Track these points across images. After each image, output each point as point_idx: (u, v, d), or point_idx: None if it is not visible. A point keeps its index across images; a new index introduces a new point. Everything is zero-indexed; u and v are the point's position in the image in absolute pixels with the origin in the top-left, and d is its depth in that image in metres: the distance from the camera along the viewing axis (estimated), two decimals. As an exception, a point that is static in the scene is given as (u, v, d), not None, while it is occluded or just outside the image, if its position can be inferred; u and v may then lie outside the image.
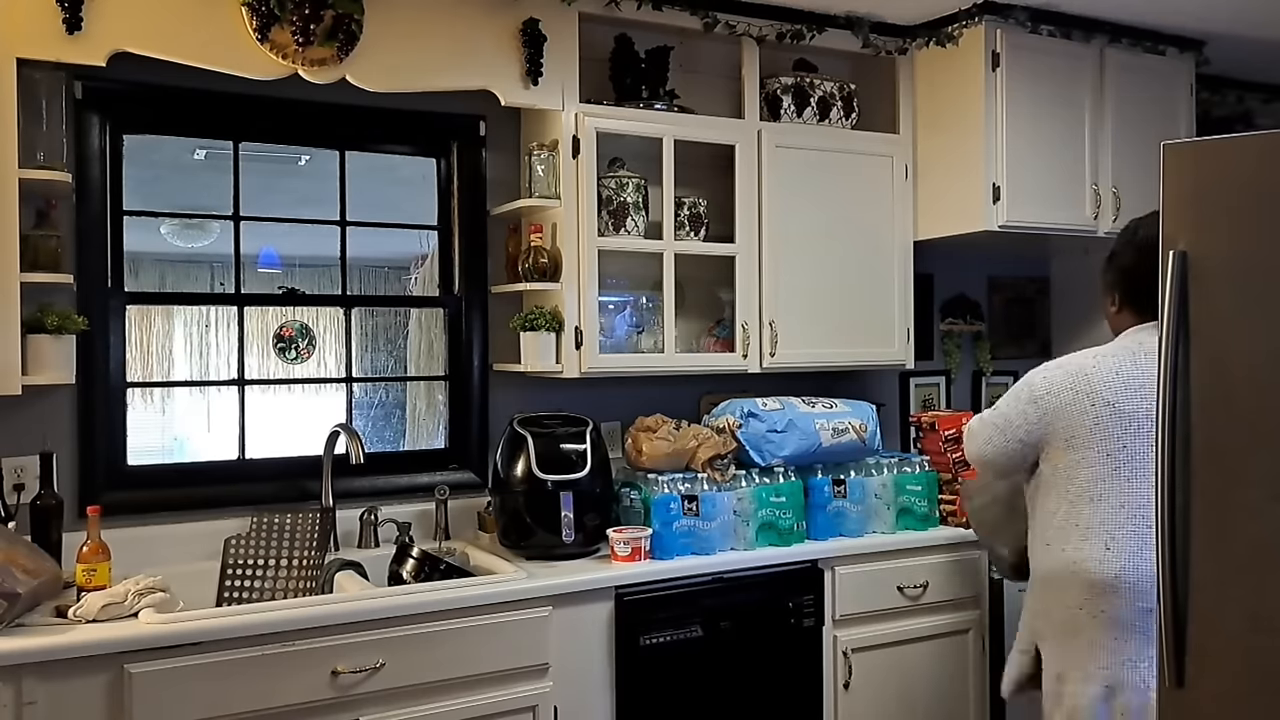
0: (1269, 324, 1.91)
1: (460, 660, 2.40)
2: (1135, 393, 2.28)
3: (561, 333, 2.93)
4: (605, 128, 2.96)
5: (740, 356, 3.16)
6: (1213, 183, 1.98)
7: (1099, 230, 3.38)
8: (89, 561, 2.27)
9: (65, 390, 2.60)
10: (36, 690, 2.01)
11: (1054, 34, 3.28)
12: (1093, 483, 2.28)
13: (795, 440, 2.94)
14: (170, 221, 3.21)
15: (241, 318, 2.95)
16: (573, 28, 2.91)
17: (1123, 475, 2.27)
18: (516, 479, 2.75)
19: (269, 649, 2.20)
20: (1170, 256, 1.97)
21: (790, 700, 2.86)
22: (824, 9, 3.22)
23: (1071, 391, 2.31)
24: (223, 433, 2.94)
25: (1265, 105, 4.11)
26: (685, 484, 2.81)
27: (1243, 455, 1.94)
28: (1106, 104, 3.39)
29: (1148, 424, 2.22)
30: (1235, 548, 1.95)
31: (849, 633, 2.94)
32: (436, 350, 3.23)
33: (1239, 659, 1.94)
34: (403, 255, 3.37)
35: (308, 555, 2.60)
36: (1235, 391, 1.95)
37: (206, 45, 2.48)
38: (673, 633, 2.67)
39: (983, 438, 2.45)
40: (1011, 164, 3.22)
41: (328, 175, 3.04)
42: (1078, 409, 2.30)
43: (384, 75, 2.67)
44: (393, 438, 3.36)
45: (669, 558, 2.73)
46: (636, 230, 3.05)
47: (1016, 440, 2.38)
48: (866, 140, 3.38)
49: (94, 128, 2.65)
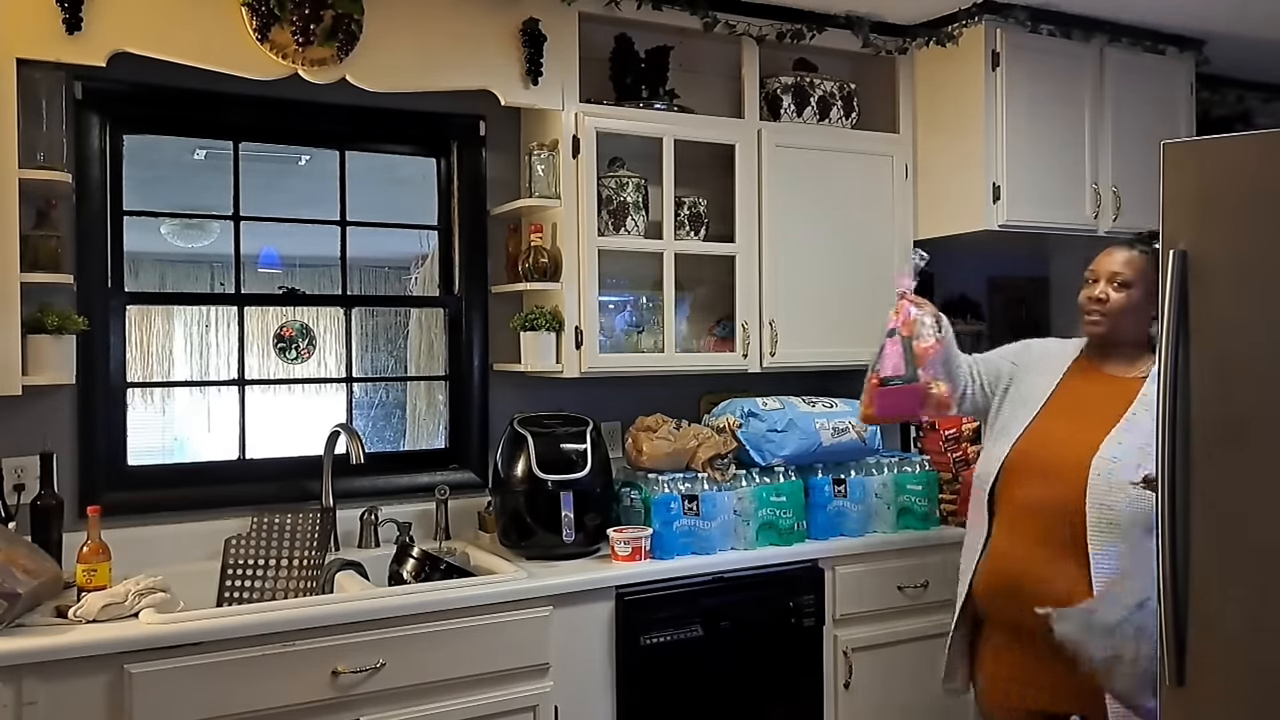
0: (1269, 324, 1.91)
1: (460, 660, 2.40)
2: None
3: (561, 332, 2.93)
4: (605, 127, 2.96)
5: (740, 356, 3.16)
6: (1213, 182, 1.98)
7: (1099, 230, 3.38)
8: (89, 562, 2.27)
9: (65, 390, 2.60)
10: (37, 690, 2.01)
11: (1054, 33, 3.28)
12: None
13: (795, 440, 2.94)
14: (170, 221, 3.22)
15: (241, 318, 2.95)
16: (573, 27, 2.91)
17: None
18: (517, 479, 2.75)
19: (269, 649, 2.20)
20: (1170, 256, 1.97)
21: (790, 700, 2.86)
22: (824, 8, 3.22)
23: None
24: (223, 433, 2.95)
25: (1265, 105, 4.10)
26: (685, 484, 2.81)
27: (1243, 455, 1.94)
28: (1106, 103, 3.39)
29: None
30: (1235, 548, 1.95)
31: (849, 632, 2.94)
32: (436, 350, 3.23)
33: (1239, 659, 1.94)
34: (403, 255, 3.37)
35: (308, 555, 2.61)
36: (1235, 391, 1.95)
37: (206, 45, 2.48)
38: (673, 632, 2.67)
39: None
40: (1011, 163, 3.22)
41: (328, 175, 3.04)
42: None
43: (384, 75, 2.67)
44: (393, 438, 3.37)
45: (669, 557, 2.73)
46: (636, 230, 3.05)
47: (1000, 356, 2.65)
48: (866, 140, 3.38)
49: (94, 128, 2.64)
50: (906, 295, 2.50)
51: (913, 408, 2.52)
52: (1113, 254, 2.48)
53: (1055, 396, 2.49)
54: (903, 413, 2.62)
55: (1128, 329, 2.45)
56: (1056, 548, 2.33)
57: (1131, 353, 2.47)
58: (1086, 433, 2.39)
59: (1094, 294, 2.46)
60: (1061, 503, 2.33)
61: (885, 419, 2.66)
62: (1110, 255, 2.48)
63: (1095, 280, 2.47)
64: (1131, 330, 2.45)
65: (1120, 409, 2.41)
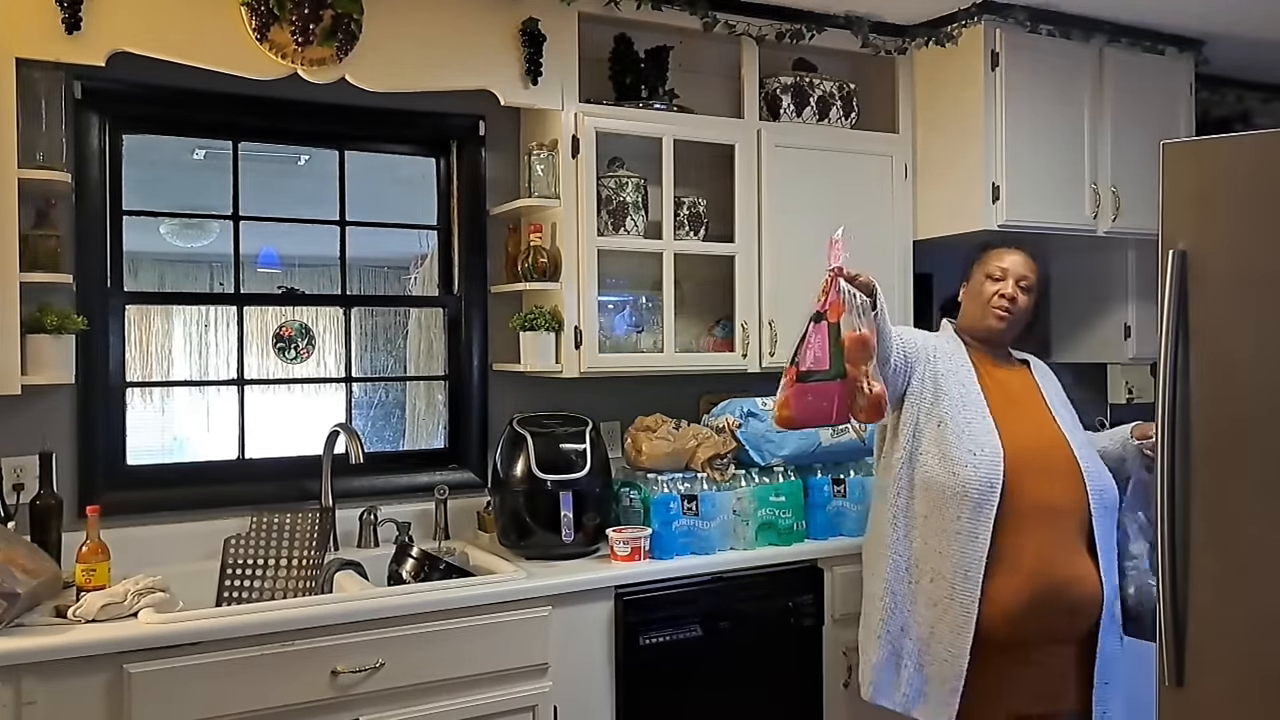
0: (1269, 324, 1.91)
1: (460, 660, 2.40)
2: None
3: (561, 332, 2.93)
4: (605, 127, 2.96)
5: (740, 356, 3.16)
6: (1212, 182, 1.98)
7: (1099, 230, 3.38)
8: (88, 561, 2.27)
9: (65, 390, 2.59)
10: (36, 690, 2.01)
11: (1053, 33, 3.28)
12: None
13: (795, 440, 2.93)
14: (170, 221, 3.21)
15: (241, 317, 2.95)
16: (572, 27, 2.91)
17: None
18: (516, 479, 2.74)
19: (268, 649, 2.20)
20: (1170, 256, 1.97)
21: (790, 700, 2.86)
22: (823, 9, 3.22)
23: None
24: (222, 432, 2.94)
25: (1265, 105, 4.10)
26: (685, 484, 2.81)
27: (1242, 455, 1.94)
28: (1106, 103, 3.39)
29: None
30: (1235, 548, 1.95)
31: (849, 632, 2.92)
32: (436, 350, 3.23)
33: (1239, 659, 1.94)
34: (402, 255, 3.37)
35: (307, 555, 2.61)
36: (1235, 391, 1.95)
37: (206, 45, 2.47)
38: (672, 632, 2.67)
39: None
40: (1011, 163, 3.22)
41: (327, 175, 3.04)
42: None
43: (383, 75, 2.67)
44: (392, 437, 3.36)
45: (668, 557, 2.73)
46: (636, 230, 3.05)
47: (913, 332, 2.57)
48: (866, 140, 3.38)
49: (93, 127, 2.64)
50: (842, 271, 2.18)
51: (838, 410, 2.17)
52: (1015, 255, 2.53)
53: (989, 391, 2.44)
54: (824, 417, 2.21)
55: (1017, 329, 2.54)
56: (1073, 544, 2.33)
57: (1006, 348, 2.59)
58: (1045, 426, 2.42)
59: (1005, 292, 2.48)
60: (1072, 498, 2.33)
61: (805, 422, 2.26)
62: (1014, 255, 2.53)
63: (1003, 278, 2.50)
64: (1018, 331, 2.55)
65: (1038, 400, 2.49)
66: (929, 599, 2.36)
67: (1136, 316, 3.59)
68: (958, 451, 2.33)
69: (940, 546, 2.34)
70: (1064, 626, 2.32)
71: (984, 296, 2.50)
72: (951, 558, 2.32)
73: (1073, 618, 2.32)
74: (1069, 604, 2.30)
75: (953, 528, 2.32)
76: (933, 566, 2.36)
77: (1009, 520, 2.29)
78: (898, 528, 2.43)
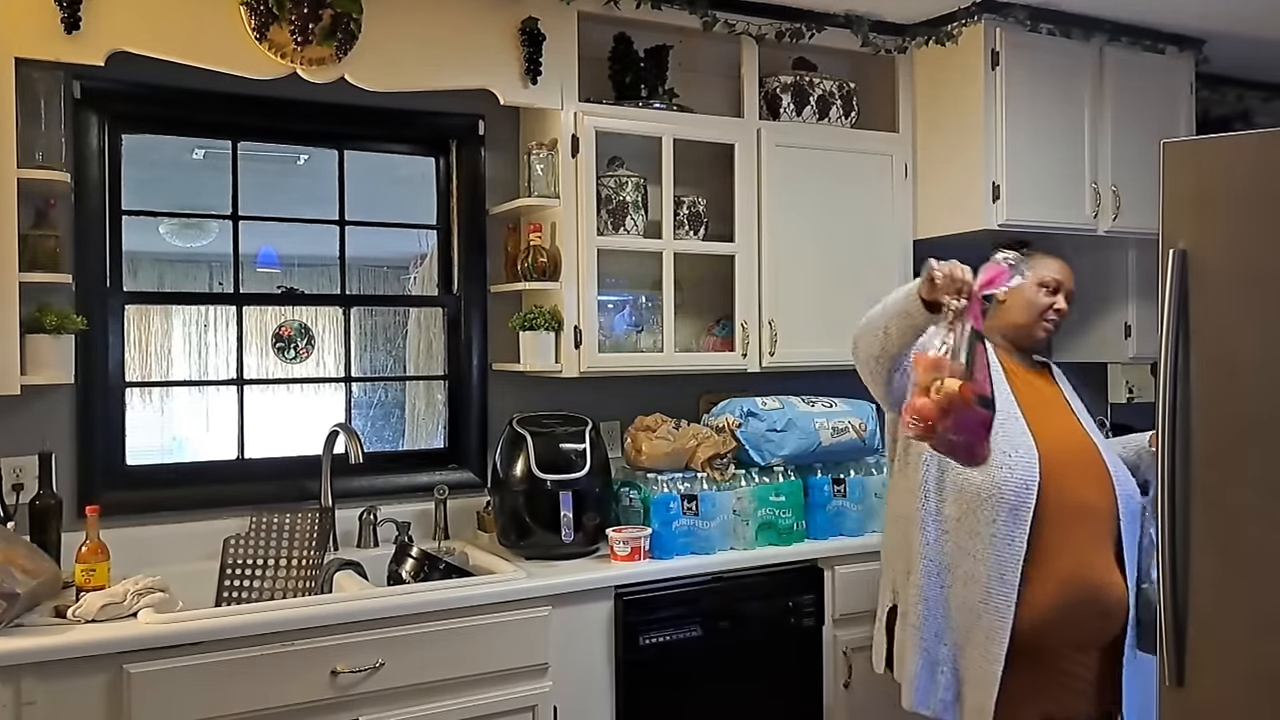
0: (1269, 323, 1.90)
1: (459, 660, 2.40)
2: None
3: (561, 332, 2.92)
4: (604, 127, 2.96)
5: (740, 355, 3.16)
6: (1213, 181, 1.98)
7: (1099, 229, 3.38)
8: (88, 561, 2.27)
9: (64, 390, 2.59)
10: (36, 690, 2.01)
11: (1053, 32, 3.28)
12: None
13: (795, 439, 2.94)
14: (169, 221, 3.21)
15: (240, 317, 2.94)
16: (572, 27, 2.91)
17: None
18: (516, 478, 2.74)
19: (268, 649, 2.20)
20: (1170, 255, 1.97)
21: (790, 700, 2.86)
22: (823, 8, 3.21)
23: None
24: (222, 432, 2.94)
25: (1265, 104, 4.10)
26: (685, 483, 2.81)
27: (1243, 455, 1.94)
28: (1106, 102, 3.39)
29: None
30: (1235, 548, 1.95)
31: (849, 632, 2.93)
32: (436, 350, 3.22)
33: (1239, 659, 1.94)
34: (402, 255, 3.37)
35: (307, 555, 2.60)
36: (1235, 391, 1.95)
37: (205, 45, 2.47)
38: (672, 632, 2.67)
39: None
40: (1011, 162, 3.22)
41: (326, 175, 3.03)
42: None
43: (383, 74, 2.66)
44: (392, 437, 3.36)
45: (668, 557, 2.73)
46: (636, 229, 3.05)
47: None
48: (866, 139, 3.38)
49: (93, 127, 2.64)
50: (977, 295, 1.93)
51: (979, 444, 1.92)
52: (1058, 263, 2.54)
53: (1020, 392, 2.40)
54: (959, 450, 1.96)
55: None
56: (1105, 548, 2.31)
57: (1032, 353, 2.58)
58: (1074, 429, 2.42)
59: (1059, 306, 2.50)
60: (1104, 501, 2.32)
61: (949, 445, 1.94)
62: (1058, 263, 2.54)
63: (1058, 291, 2.50)
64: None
65: (1064, 403, 2.48)
66: (962, 603, 2.29)
67: (1137, 316, 3.58)
68: (993, 453, 2.18)
69: (974, 550, 2.26)
70: (1095, 630, 2.29)
71: (1037, 306, 2.46)
72: (986, 561, 2.24)
73: (1104, 622, 2.28)
74: (1102, 608, 2.27)
75: (987, 531, 2.24)
76: (966, 570, 2.27)
77: (1044, 523, 2.23)
78: (927, 531, 2.33)
